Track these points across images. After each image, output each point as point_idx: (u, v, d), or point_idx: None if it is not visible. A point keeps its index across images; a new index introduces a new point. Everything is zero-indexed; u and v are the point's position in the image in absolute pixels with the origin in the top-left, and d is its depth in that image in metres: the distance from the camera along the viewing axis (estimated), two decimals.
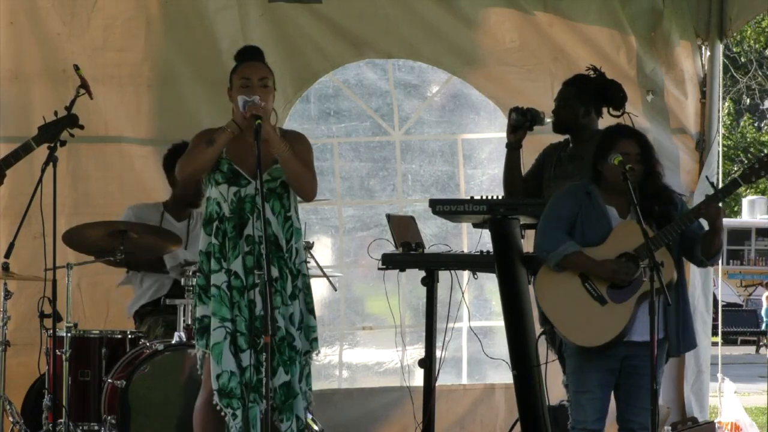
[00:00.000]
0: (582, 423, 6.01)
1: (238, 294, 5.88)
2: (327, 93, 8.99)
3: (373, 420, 8.74)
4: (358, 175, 9.09)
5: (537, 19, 8.76)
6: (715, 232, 6.00)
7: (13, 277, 7.06)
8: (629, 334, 5.91)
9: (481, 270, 6.96)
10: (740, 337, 23.21)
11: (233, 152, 5.95)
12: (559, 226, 6.05)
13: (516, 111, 7.09)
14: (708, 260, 6.13)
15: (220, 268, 5.89)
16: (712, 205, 5.93)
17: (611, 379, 6.01)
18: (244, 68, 6.00)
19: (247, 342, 5.84)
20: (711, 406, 9.37)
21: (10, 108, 8.31)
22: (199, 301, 5.92)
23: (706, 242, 6.03)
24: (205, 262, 5.93)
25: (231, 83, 6.01)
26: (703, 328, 8.91)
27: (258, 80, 5.95)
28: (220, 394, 5.78)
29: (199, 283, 5.95)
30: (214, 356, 5.81)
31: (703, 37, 8.96)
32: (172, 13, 8.46)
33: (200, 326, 5.89)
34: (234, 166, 5.94)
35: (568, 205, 6.08)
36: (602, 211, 6.03)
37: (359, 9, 8.67)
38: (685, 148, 8.93)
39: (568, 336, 5.97)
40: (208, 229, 5.95)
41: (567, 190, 6.21)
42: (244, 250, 5.90)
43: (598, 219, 6.02)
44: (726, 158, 28.91)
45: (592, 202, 6.04)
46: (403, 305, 8.06)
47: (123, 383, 6.95)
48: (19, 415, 7.38)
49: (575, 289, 5.96)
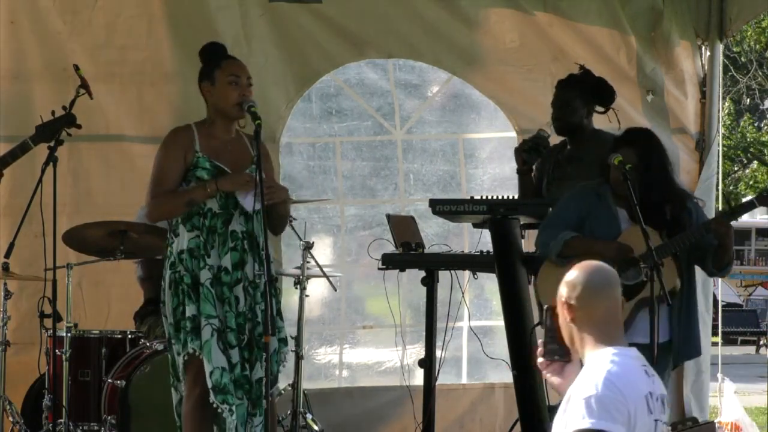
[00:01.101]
0: None
1: (228, 290, 5.87)
2: (329, 92, 8.99)
3: (373, 420, 8.73)
4: (360, 174, 9.09)
5: (537, 19, 8.76)
6: (724, 248, 6.01)
7: (13, 277, 7.06)
8: (631, 335, 5.90)
9: (481, 270, 6.96)
10: (740, 337, 23.17)
11: (208, 149, 5.95)
12: (559, 224, 6.04)
13: (523, 152, 7.06)
14: (719, 272, 6.16)
15: (204, 265, 5.88)
16: (722, 222, 5.94)
17: None
18: (231, 65, 6.00)
19: (236, 338, 5.85)
20: (711, 406, 9.37)
21: (11, 107, 8.31)
22: (188, 301, 5.87)
23: (716, 256, 6.06)
24: (188, 260, 5.90)
25: (211, 79, 5.97)
26: (703, 328, 8.91)
27: (246, 79, 5.97)
28: (215, 391, 5.77)
29: (186, 282, 5.90)
30: (204, 354, 5.79)
31: (703, 37, 8.95)
32: (174, 11, 8.46)
33: (193, 326, 5.84)
34: (215, 162, 5.94)
35: (574, 207, 6.07)
36: (612, 213, 6.01)
37: (359, 9, 8.66)
38: (685, 148, 8.93)
39: None
40: (188, 225, 5.92)
41: (577, 191, 6.18)
42: (230, 246, 5.90)
43: (608, 221, 6.00)
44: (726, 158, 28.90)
45: (602, 203, 6.02)
46: (404, 305, 8.05)
47: (123, 383, 6.96)
48: (19, 415, 7.38)
49: None
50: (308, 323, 8.38)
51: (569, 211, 6.08)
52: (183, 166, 5.94)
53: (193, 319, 5.84)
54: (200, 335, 5.81)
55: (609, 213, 6.01)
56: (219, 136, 5.99)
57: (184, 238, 5.92)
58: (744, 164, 33.47)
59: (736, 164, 33.14)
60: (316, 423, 7.60)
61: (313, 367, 8.94)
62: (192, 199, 5.87)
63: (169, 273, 5.94)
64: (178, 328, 5.89)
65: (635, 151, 6.02)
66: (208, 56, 6.09)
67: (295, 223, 7.60)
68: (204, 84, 6.03)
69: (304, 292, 7.59)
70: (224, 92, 5.93)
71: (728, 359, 11.78)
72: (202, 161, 5.93)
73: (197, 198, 5.87)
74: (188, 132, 6.01)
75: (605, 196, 6.04)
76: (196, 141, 5.96)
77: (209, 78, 5.99)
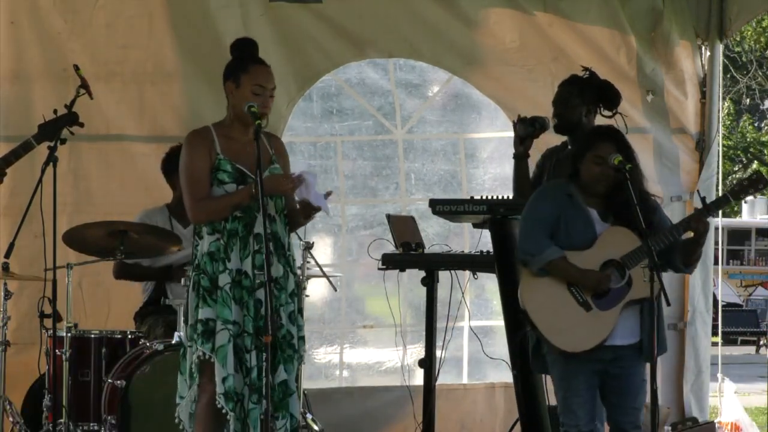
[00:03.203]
0: (575, 427, 5.97)
1: (246, 293, 5.86)
2: (330, 92, 9.00)
3: (374, 419, 8.74)
4: (361, 173, 9.09)
5: (537, 19, 8.76)
6: (699, 243, 5.98)
7: (13, 277, 7.05)
8: (611, 338, 5.90)
9: (481, 270, 6.96)
10: (740, 337, 23.18)
11: (228, 152, 5.93)
12: (541, 228, 5.95)
13: (522, 122, 7.04)
14: (686, 268, 6.11)
15: (224, 269, 5.87)
16: (701, 220, 5.92)
17: (596, 380, 5.97)
18: (259, 74, 5.93)
19: (252, 342, 5.83)
20: (711, 406, 9.37)
21: (11, 107, 8.31)
22: (203, 303, 5.85)
23: (687, 251, 5.99)
24: (209, 263, 5.89)
25: (236, 80, 5.92)
26: (703, 328, 8.92)
27: (271, 89, 5.95)
28: (226, 398, 5.76)
29: (203, 284, 5.88)
30: (218, 359, 5.78)
31: (703, 37, 8.96)
32: (175, 10, 8.46)
33: (205, 329, 5.80)
34: (236, 165, 5.92)
35: (548, 208, 5.99)
36: (585, 214, 5.96)
37: (360, 9, 8.67)
38: (685, 148, 8.93)
39: (551, 340, 5.91)
40: (209, 228, 5.90)
41: (544, 192, 6.09)
42: (254, 249, 5.88)
43: (583, 222, 5.94)
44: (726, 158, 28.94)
45: (574, 203, 5.96)
46: (404, 305, 8.07)
47: (123, 383, 6.95)
48: (19, 415, 7.38)
49: (560, 294, 5.91)
50: (308, 323, 8.38)
51: (546, 215, 5.98)
52: (210, 165, 5.91)
53: (205, 323, 5.81)
54: (213, 339, 5.79)
55: (583, 214, 5.95)
56: (238, 138, 5.95)
57: (206, 241, 5.90)
58: (744, 164, 33.49)
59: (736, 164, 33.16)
60: (316, 423, 7.60)
61: (314, 367, 8.95)
62: (238, 203, 5.85)
63: (193, 275, 5.92)
64: (194, 328, 5.87)
65: (615, 145, 5.97)
66: (239, 53, 6.03)
67: None
68: (228, 82, 5.96)
69: (304, 292, 7.59)
70: (246, 99, 5.89)
71: (728, 359, 11.78)
72: (223, 164, 5.90)
73: (243, 201, 5.84)
74: (208, 134, 5.97)
75: (575, 195, 5.99)
76: (216, 143, 5.93)
77: (235, 79, 5.93)
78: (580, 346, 5.89)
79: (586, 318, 5.88)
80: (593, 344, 5.87)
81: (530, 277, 5.98)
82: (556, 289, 5.92)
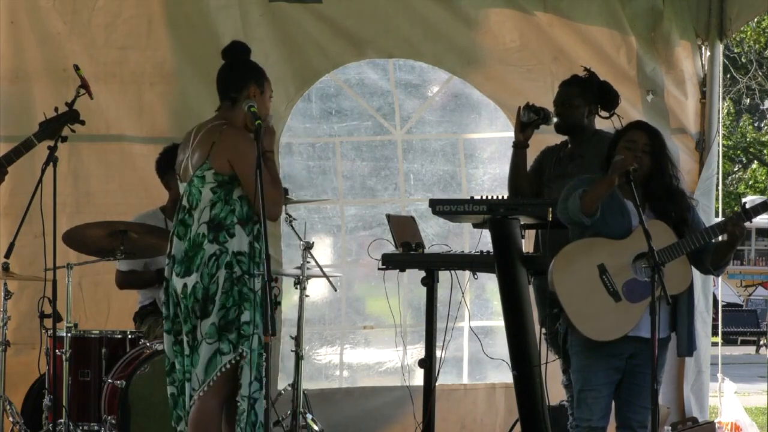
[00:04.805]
0: (587, 421, 5.99)
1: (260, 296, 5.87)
2: (329, 92, 8.99)
3: (374, 420, 8.74)
4: (360, 174, 9.09)
5: (537, 19, 8.76)
6: (733, 247, 6.01)
7: (13, 277, 7.06)
8: (636, 329, 5.91)
9: (481, 270, 6.95)
10: (740, 337, 23.19)
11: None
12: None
13: (529, 108, 7.06)
14: (715, 270, 6.15)
15: (258, 273, 5.82)
16: (739, 224, 5.94)
17: (616, 377, 6.01)
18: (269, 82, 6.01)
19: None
20: (711, 406, 9.37)
21: (11, 107, 8.32)
22: (248, 305, 5.77)
23: (719, 254, 6.05)
24: (246, 262, 5.80)
25: (261, 86, 5.92)
26: (703, 328, 8.92)
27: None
28: (247, 399, 5.75)
29: (255, 287, 5.79)
30: (250, 362, 5.75)
31: (703, 38, 8.96)
32: (174, 11, 8.47)
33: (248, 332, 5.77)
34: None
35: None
36: (622, 204, 6.02)
37: (359, 9, 8.67)
38: (685, 148, 8.93)
39: (577, 325, 5.93)
40: (247, 229, 5.83)
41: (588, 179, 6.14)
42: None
43: (620, 212, 6.00)
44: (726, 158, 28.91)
45: (613, 194, 6.01)
46: (404, 305, 8.06)
47: (123, 383, 6.96)
48: (19, 415, 7.38)
49: (592, 281, 5.93)
50: (308, 323, 8.39)
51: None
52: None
53: (249, 325, 5.77)
54: (251, 342, 5.77)
55: (620, 204, 6.01)
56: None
57: (243, 240, 5.84)
58: (744, 164, 33.47)
59: (736, 164, 33.15)
60: (316, 423, 7.60)
61: (314, 368, 8.94)
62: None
63: (224, 272, 5.78)
64: (228, 328, 5.78)
65: (647, 133, 6.05)
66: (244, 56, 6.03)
67: (295, 223, 7.61)
68: (253, 86, 5.92)
69: (304, 292, 7.59)
70: (264, 105, 5.90)
71: (728, 359, 11.80)
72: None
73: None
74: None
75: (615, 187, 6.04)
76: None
77: (260, 84, 5.94)
78: (604, 336, 5.91)
79: (615, 308, 5.90)
80: (617, 335, 5.89)
81: (563, 259, 5.99)
82: (588, 275, 5.94)
